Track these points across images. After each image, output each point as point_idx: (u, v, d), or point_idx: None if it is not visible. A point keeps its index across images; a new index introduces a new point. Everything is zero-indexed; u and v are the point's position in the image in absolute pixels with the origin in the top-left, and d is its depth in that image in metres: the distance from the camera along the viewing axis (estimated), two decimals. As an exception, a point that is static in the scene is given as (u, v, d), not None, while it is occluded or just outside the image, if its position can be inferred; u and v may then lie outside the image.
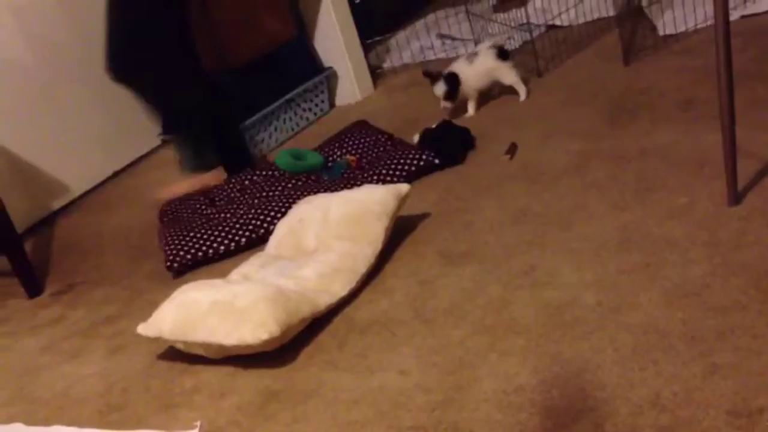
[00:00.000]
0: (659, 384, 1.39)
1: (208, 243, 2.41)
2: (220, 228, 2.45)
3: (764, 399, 1.29)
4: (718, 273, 1.64)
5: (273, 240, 2.26)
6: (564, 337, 1.59)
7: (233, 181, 2.79)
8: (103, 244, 2.86)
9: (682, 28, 3.07)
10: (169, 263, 2.38)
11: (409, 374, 1.63)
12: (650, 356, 1.46)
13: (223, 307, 1.80)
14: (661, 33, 3.12)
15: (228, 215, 2.55)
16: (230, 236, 2.42)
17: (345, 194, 2.22)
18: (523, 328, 1.66)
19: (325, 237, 2.11)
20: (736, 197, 1.86)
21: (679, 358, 1.44)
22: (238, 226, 2.44)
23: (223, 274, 2.16)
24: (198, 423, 1.62)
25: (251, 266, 2.14)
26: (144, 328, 1.91)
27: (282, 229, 2.26)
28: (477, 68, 2.93)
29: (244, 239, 2.41)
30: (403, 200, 2.18)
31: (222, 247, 2.40)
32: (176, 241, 2.44)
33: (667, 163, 2.14)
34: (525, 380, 1.50)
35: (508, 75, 2.95)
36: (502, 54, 2.94)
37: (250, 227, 2.43)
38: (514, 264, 1.91)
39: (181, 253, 2.39)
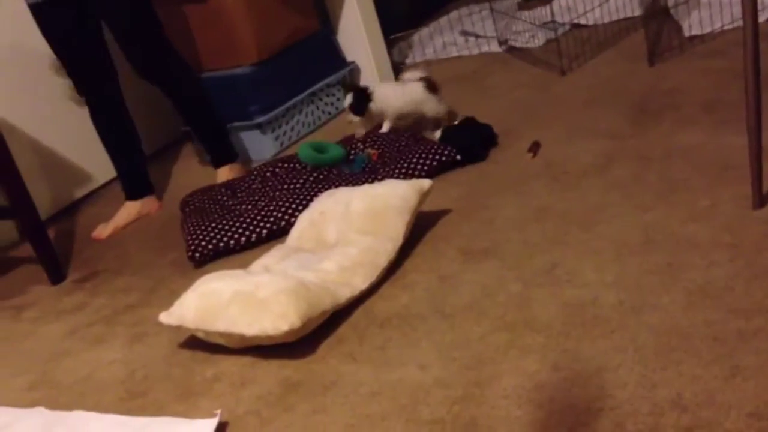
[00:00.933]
0: (681, 384, 1.39)
1: (229, 234, 2.43)
2: (241, 219, 2.47)
3: (787, 402, 1.29)
4: (741, 276, 1.63)
5: (294, 232, 2.27)
6: (585, 335, 1.59)
7: (255, 172, 2.81)
8: (125, 233, 2.88)
9: (708, 29, 3.05)
10: (190, 253, 2.40)
11: (428, 369, 1.63)
12: (672, 357, 1.46)
13: (244, 297, 1.82)
14: (686, 34, 3.11)
15: (249, 207, 2.56)
16: (251, 227, 2.43)
17: (367, 188, 2.23)
18: (543, 325, 1.66)
19: (346, 231, 2.12)
20: (760, 200, 1.85)
21: (701, 359, 1.43)
22: (259, 217, 2.46)
23: (244, 266, 2.17)
24: (218, 412, 1.63)
25: (272, 258, 2.16)
26: (166, 317, 1.93)
27: (303, 221, 2.27)
28: (405, 94, 2.87)
29: (265, 231, 2.43)
30: (424, 195, 2.19)
31: (243, 239, 2.42)
32: (198, 232, 2.45)
33: (691, 164, 2.13)
34: (545, 377, 1.51)
35: (433, 108, 2.89)
36: (431, 87, 2.89)
37: (272, 219, 2.44)
38: (535, 262, 1.91)
39: (203, 243, 2.41)
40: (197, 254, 2.39)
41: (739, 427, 1.27)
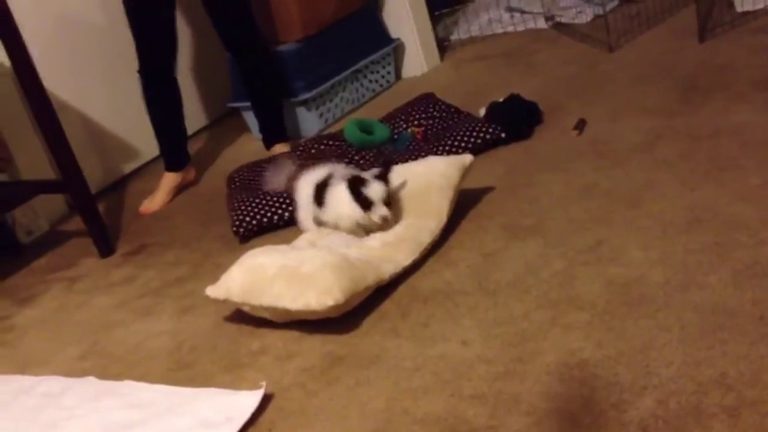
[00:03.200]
0: (726, 364, 1.38)
1: (273, 209, 2.45)
2: (285, 195, 2.48)
3: (835, 383, 1.27)
4: (791, 255, 1.61)
5: None
6: (629, 314, 1.58)
7: (300, 148, 2.83)
8: (172, 208, 2.93)
9: (761, 5, 2.98)
10: (235, 228, 2.43)
11: (470, 345, 1.64)
12: (717, 336, 1.45)
13: (289, 272, 1.84)
14: (738, 9, 3.04)
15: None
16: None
17: (409, 167, 2.23)
18: (587, 303, 1.66)
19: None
20: (812, 179, 1.82)
21: (747, 338, 1.42)
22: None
23: (288, 241, 2.19)
24: (263, 383, 1.66)
25: (316, 234, 2.18)
26: (213, 290, 1.96)
27: None
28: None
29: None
30: (466, 171, 2.18)
31: (287, 214, 2.44)
32: (243, 207, 2.48)
33: (741, 142, 2.10)
34: (588, 355, 1.50)
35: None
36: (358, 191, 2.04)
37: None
38: (580, 240, 1.90)
39: (248, 218, 2.44)
40: (242, 229, 2.43)
41: (785, 407, 1.25)
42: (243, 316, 1.98)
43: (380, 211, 2.02)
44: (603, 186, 2.11)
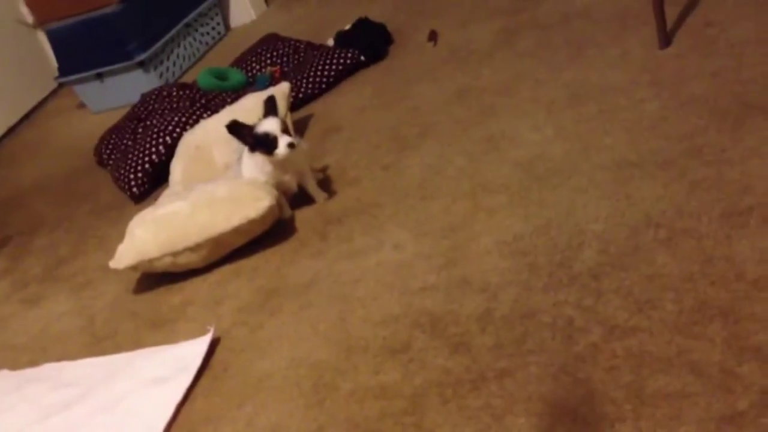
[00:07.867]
0: (648, 206, 1.48)
1: (148, 155, 2.36)
2: (150, 134, 2.40)
3: (750, 198, 1.40)
4: (670, 106, 1.74)
5: (176, 177, 2.18)
6: (544, 186, 1.66)
7: (155, 94, 2.68)
8: (24, 195, 2.73)
9: None
10: (129, 192, 2.34)
11: (403, 247, 1.66)
12: (631, 185, 1.55)
13: (207, 202, 1.80)
14: None
15: (155, 121, 2.47)
16: (162, 138, 2.37)
17: (232, 108, 2.24)
18: (501, 187, 1.72)
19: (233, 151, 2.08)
20: (666, 40, 1.97)
21: (659, 181, 1.53)
22: (169, 128, 2.39)
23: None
24: (211, 327, 1.60)
25: (174, 194, 2.05)
26: (117, 261, 1.83)
27: (179, 163, 2.20)
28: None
29: (170, 138, 2.36)
30: (288, 97, 2.21)
31: (161, 147, 2.35)
32: (128, 169, 2.36)
33: (592, 22, 2.23)
34: (520, 228, 1.57)
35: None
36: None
37: (178, 129, 2.38)
38: (472, 135, 1.96)
39: (139, 175, 2.34)
40: (135, 189, 2.33)
41: (713, 229, 1.37)
42: (151, 279, 1.89)
43: (284, 140, 1.80)
44: (476, 85, 2.18)
